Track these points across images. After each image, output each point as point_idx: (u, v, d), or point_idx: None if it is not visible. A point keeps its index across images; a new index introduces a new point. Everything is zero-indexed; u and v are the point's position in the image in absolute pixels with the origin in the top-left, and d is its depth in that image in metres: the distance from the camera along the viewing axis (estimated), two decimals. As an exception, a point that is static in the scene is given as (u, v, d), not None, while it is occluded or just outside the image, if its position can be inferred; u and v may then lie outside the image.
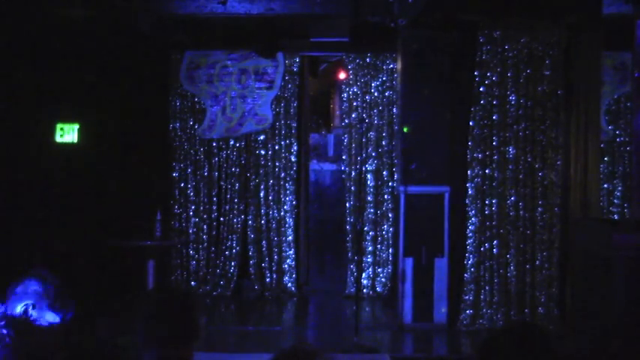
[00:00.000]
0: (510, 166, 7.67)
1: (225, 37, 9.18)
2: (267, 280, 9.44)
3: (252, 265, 9.45)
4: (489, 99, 7.68)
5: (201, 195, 9.47)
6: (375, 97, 9.41)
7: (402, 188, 7.73)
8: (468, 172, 7.67)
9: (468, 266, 7.62)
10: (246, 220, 9.49)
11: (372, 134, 9.35)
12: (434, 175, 7.70)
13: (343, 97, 9.66)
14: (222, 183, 9.51)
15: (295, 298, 9.39)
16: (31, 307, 2.82)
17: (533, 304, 7.61)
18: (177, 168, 9.48)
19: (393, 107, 9.23)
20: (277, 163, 9.47)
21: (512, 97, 7.66)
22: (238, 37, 9.11)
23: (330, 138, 11.21)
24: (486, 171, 7.69)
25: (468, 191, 7.67)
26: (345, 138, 9.55)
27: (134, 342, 2.44)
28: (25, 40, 7.74)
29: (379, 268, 9.39)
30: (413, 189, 7.69)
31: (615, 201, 9.03)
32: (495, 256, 7.62)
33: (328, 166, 10.62)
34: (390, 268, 9.29)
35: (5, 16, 7.38)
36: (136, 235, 7.47)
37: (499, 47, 7.67)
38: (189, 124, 9.48)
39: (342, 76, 9.80)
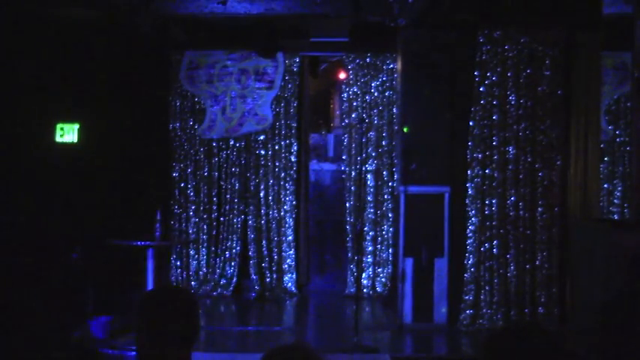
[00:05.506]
0: (510, 166, 7.67)
1: (225, 37, 9.18)
2: (267, 280, 9.43)
3: (252, 265, 9.45)
4: (489, 99, 7.67)
5: (201, 195, 9.48)
6: (375, 97, 9.41)
7: (402, 188, 7.73)
8: (468, 172, 7.67)
9: (468, 266, 7.62)
10: (246, 220, 9.49)
11: (372, 134, 9.35)
12: (434, 175, 7.70)
13: (343, 97, 9.66)
14: (222, 183, 9.51)
15: (295, 298, 9.40)
16: None
17: (533, 304, 7.61)
18: (177, 168, 9.48)
19: (393, 107, 9.23)
20: (277, 163, 9.47)
21: (512, 97, 7.66)
22: (238, 37, 9.11)
23: (330, 138, 11.21)
24: (486, 171, 7.68)
25: (468, 191, 7.67)
26: (345, 138, 9.56)
27: (133, 342, 2.43)
28: (26, 39, 7.73)
29: (379, 268, 9.39)
30: (413, 189, 7.69)
31: (615, 201, 9.02)
32: (495, 256, 7.62)
33: (328, 166, 10.62)
34: (390, 268, 9.29)
35: (5, 16, 7.38)
36: (136, 235, 7.47)
37: (499, 47, 7.66)
38: (189, 124, 9.48)
39: (342, 76, 9.81)
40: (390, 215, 9.28)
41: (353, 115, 9.45)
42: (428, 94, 7.71)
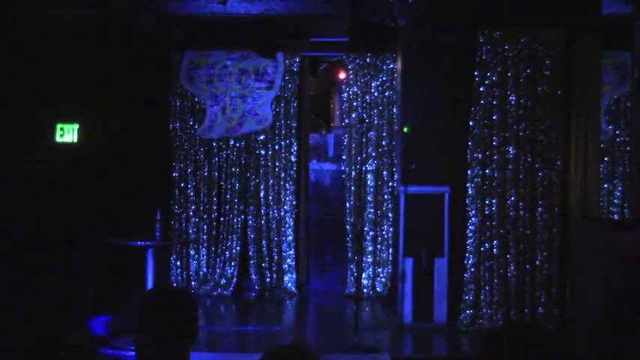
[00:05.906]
0: (510, 166, 7.67)
1: (225, 37, 9.18)
2: (267, 280, 9.43)
3: (252, 265, 9.45)
4: (489, 99, 7.67)
5: (201, 195, 9.48)
6: (375, 97, 9.41)
7: (402, 188, 7.73)
8: (468, 172, 7.67)
9: (468, 266, 7.62)
10: (246, 220, 9.49)
11: (372, 134, 9.35)
12: (434, 175, 7.70)
13: (343, 97, 9.66)
14: (222, 183, 9.51)
15: (295, 298, 9.39)
16: None
17: (533, 304, 7.61)
18: (177, 168, 9.48)
19: (393, 107, 9.23)
20: (277, 163, 9.47)
21: (512, 97, 7.66)
22: (238, 37, 9.11)
23: (330, 138, 11.21)
24: (486, 171, 7.68)
25: (468, 191, 7.67)
26: (345, 138, 9.55)
27: (133, 341, 2.42)
28: (26, 39, 7.73)
29: (379, 268, 9.39)
30: (413, 189, 7.69)
31: (615, 201, 9.02)
32: (495, 256, 7.62)
33: (328, 166, 10.62)
34: (390, 268, 9.29)
35: (5, 16, 7.38)
36: (136, 235, 7.47)
37: (499, 47, 7.67)
38: (189, 124, 9.49)
39: (342, 76, 9.81)
40: (390, 215, 9.28)
41: (353, 115, 9.45)
42: (428, 94, 7.70)
